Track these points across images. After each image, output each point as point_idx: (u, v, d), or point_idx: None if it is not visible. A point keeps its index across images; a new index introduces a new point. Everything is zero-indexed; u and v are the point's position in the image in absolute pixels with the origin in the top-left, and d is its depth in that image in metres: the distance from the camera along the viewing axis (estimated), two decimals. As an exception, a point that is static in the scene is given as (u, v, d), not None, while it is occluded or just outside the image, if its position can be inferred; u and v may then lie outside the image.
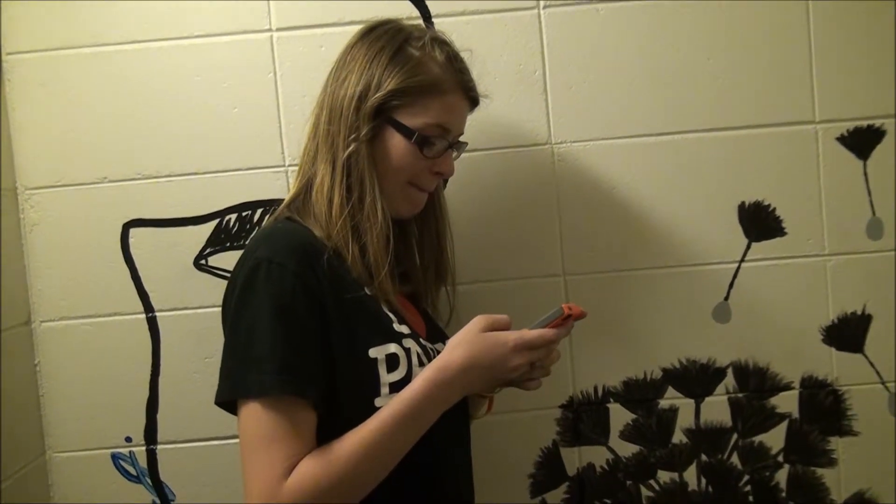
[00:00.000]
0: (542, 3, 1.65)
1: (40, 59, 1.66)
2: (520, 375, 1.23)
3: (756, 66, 1.65)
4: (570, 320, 1.24)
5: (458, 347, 1.19)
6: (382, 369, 1.19)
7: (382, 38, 1.31)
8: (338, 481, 1.11)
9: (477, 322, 1.21)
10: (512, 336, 1.19)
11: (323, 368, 1.16)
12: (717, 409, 1.69)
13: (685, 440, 1.69)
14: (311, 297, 1.16)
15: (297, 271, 1.16)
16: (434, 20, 1.64)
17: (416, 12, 1.64)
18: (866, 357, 1.68)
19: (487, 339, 1.19)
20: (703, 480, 1.70)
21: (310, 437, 1.14)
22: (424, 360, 1.24)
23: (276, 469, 1.10)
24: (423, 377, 1.17)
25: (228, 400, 1.17)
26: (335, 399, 1.17)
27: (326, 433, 1.15)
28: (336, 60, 1.34)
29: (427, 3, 1.64)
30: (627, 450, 1.70)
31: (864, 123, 1.65)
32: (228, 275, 1.28)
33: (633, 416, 1.70)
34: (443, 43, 1.35)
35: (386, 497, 1.17)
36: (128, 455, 1.68)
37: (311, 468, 1.10)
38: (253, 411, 1.12)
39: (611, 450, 1.70)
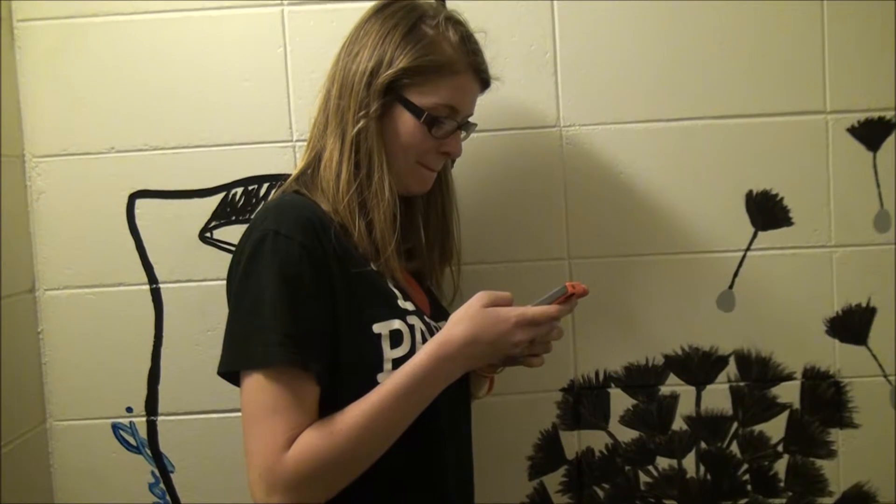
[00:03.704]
0: (555, -15, 1.65)
1: (51, 27, 1.65)
2: (521, 351, 1.23)
3: (768, 54, 1.64)
4: (574, 298, 1.24)
5: (461, 322, 1.18)
6: (386, 345, 1.20)
7: (397, 15, 1.31)
8: (338, 453, 1.11)
9: (479, 298, 1.21)
10: (514, 312, 1.19)
11: (327, 342, 1.16)
12: (718, 397, 1.69)
13: (685, 427, 1.69)
14: (317, 270, 1.16)
15: (304, 243, 1.15)
16: (446, -1, 1.63)
17: (428, -10, 1.63)
18: (869, 350, 1.68)
19: (490, 315, 1.19)
20: (702, 468, 1.70)
21: (312, 409, 1.14)
22: (428, 336, 1.23)
23: (278, 440, 1.10)
24: (425, 351, 1.17)
25: (231, 370, 1.17)
26: (338, 373, 1.17)
27: (328, 407, 1.15)
28: (349, 34, 1.34)
29: (439, -20, 1.63)
30: (627, 435, 1.70)
31: (875, 115, 1.64)
32: (233, 248, 1.28)
33: (634, 401, 1.70)
34: (457, 23, 1.34)
35: (387, 472, 1.18)
36: (128, 425, 1.69)
37: (312, 440, 1.11)
38: (256, 382, 1.12)
39: (610, 435, 1.70)
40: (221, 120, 1.66)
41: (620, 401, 1.70)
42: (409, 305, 1.26)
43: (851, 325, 1.67)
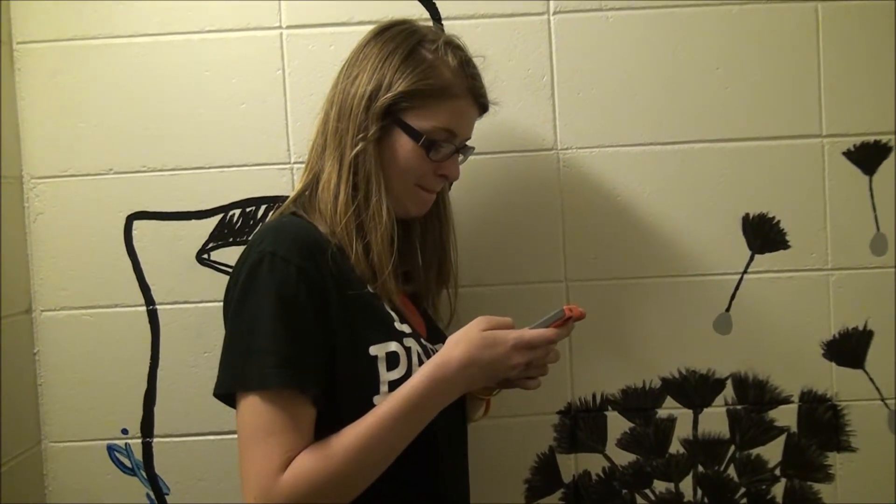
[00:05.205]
0: (551, 9, 1.65)
1: (51, 49, 1.66)
2: (518, 374, 1.22)
3: (764, 78, 1.65)
4: (571, 322, 1.24)
5: (458, 344, 1.18)
6: (382, 367, 1.19)
7: (396, 39, 1.31)
8: (334, 476, 1.11)
9: (478, 322, 1.21)
10: (512, 335, 1.19)
11: (323, 364, 1.16)
12: (715, 420, 1.69)
13: (682, 450, 1.69)
14: (314, 292, 1.16)
15: (301, 265, 1.16)
16: (444, 22, 1.64)
17: (426, 13, 1.64)
18: (867, 373, 1.67)
19: (487, 337, 1.19)
20: (699, 492, 1.69)
21: (308, 431, 1.14)
22: (424, 359, 1.23)
23: (273, 463, 1.10)
24: (422, 373, 1.17)
25: (228, 392, 1.17)
26: (334, 395, 1.17)
27: (325, 429, 1.15)
28: (348, 58, 1.34)
29: (437, 4, 1.64)
30: (624, 458, 1.70)
31: (871, 139, 1.65)
32: (230, 270, 1.28)
33: (631, 424, 1.69)
34: (456, 47, 1.35)
35: (382, 495, 1.17)
36: (124, 447, 1.68)
37: (307, 463, 1.10)
38: (252, 404, 1.12)
39: (607, 458, 1.70)
40: (219, 142, 1.66)
41: (617, 424, 1.70)
42: (405, 328, 1.26)
43: (848, 348, 1.67)
